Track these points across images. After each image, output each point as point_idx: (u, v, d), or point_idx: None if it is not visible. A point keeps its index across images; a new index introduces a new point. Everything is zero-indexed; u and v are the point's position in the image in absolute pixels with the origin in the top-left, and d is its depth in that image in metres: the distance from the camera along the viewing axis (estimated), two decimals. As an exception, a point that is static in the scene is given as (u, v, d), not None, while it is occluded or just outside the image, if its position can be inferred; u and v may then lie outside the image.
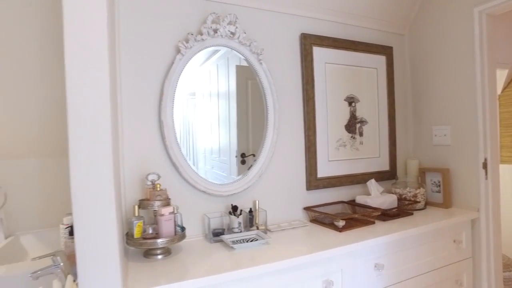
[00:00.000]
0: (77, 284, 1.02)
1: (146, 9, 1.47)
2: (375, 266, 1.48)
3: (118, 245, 0.96)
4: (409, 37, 2.24)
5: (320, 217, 1.78)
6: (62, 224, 1.40)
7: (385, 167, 2.13)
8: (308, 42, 1.83)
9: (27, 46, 1.67)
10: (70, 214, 1.44)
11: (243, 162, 1.73)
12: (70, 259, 1.24)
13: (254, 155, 1.73)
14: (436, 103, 2.06)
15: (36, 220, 1.88)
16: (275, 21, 1.77)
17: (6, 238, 1.79)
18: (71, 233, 1.34)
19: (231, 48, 1.62)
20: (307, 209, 1.81)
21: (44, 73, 1.73)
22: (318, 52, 1.86)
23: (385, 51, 2.12)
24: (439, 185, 1.99)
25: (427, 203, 2.01)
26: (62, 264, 1.14)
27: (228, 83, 1.70)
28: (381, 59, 2.11)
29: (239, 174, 1.69)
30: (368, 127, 2.06)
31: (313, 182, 1.85)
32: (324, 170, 1.89)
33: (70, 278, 1.06)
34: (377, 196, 1.88)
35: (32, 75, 1.72)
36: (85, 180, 0.91)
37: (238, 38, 1.60)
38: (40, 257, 1.15)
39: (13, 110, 1.75)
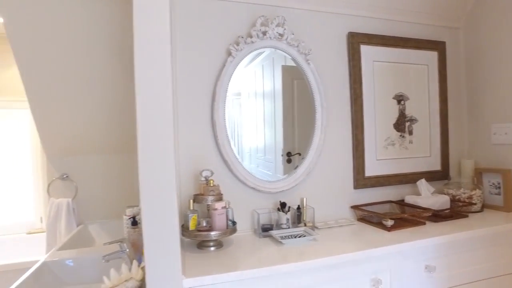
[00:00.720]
0: (142, 268, 1.13)
1: (199, 15, 1.57)
2: (426, 268, 1.45)
3: (179, 236, 1.05)
4: (464, 30, 2.13)
5: (367, 216, 1.77)
6: (125, 215, 1.54)
7: (437, 166, 2.05)
8: (356, 40, 1.82)
9: (94, 55, 1.85)
10: (132, 206, 1.59)
11: (289, 161, 1.76)
12: (134, 246, 1.38)
13: (300, 154, 1.76)
14: (496, 99, 1.94)
15: (100, 211, 2.08)
16: (323, 21, 1.79)
17: (77, 226, 2.01)
18: (133, 223, 1.48)
19: (280, 49, 1.66)
20: (354, 207, 1.81)
21: (108, 82, 1.89)
22: (366, 51, 1.85)
23: (437, 46, 2.04)
24: (499, 187, 1.88)
25: (485, 206, 1.91)
26: (127, 250, 1.27)
27: (273, 83, 1.74)
28: (433, 55, 2.03)
29: (285, 173, 1.73)
30: (418, 126, 2.00)
31: (361, 180, 1.84)
32: (372, 169, 1.87)
33: (135, 263, 1.18)
34: (427, 196, 1.82)
35: (97, 84, 1.89)
36: (151, 177, 1.00)
37: (286, 39, 1.65)
38: (110, 243, 1.29)
39: (82, 114, 1.94)
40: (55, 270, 1.43)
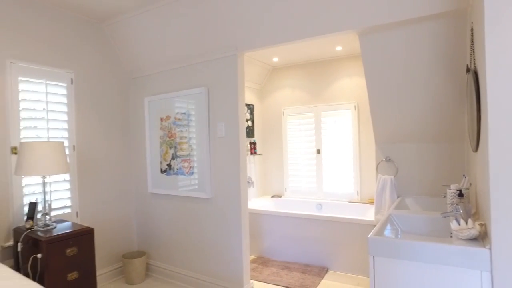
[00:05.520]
0: (479, 224, 1.49)
1: None
2: None
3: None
4: None
5: None
6: (449, 189, 1.94)
7: None
8: None
9: (426, 68, 2.35)
10: (446, 185, 1.96)
11: None
12: (465, 209, 1.75)
13: None
14: None
15: (415, 188, 2.59)
16: None
17: (397, 197, 2.62)
18: (459, 195, 1.85)
19: None
20: None
21: (430, 88, 2.33)
22: None
23: None
24: None
25: None
26: (461, 211, 1.66)
27: None
28: None
29: None
30: None
31: None
32: None
33: (470, 221, 1.55)
34: None
35: (423, 89, 2.36)
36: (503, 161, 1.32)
37: None
38: (451, 204, 1.74)
39: (406, 113, 2.49)
40: (395, 220, 2.05)
